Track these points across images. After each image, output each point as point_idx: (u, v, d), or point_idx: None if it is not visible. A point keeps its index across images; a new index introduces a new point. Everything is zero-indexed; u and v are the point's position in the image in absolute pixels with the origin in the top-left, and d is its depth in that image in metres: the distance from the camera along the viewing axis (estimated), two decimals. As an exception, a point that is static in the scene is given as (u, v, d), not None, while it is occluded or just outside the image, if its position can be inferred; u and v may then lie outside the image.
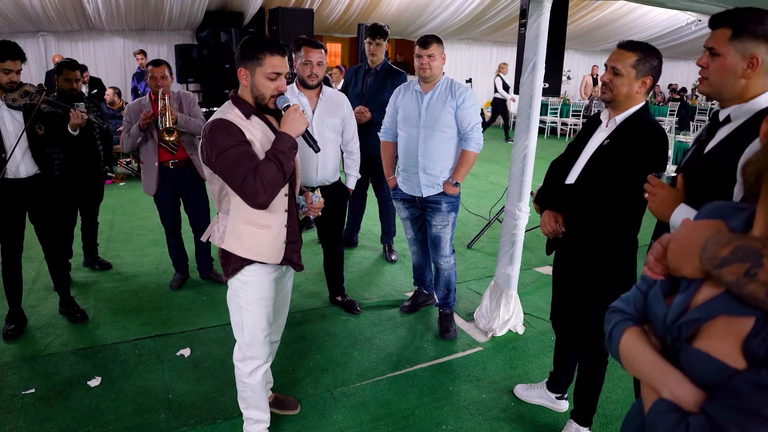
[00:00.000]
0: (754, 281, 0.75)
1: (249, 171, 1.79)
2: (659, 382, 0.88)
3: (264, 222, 1.98)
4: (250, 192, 1.80)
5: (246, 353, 2.13)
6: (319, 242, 3.59)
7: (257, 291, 2.04)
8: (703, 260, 0.85)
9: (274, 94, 1.91)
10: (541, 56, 2.94)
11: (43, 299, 3.55)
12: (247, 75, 1.90)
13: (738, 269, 0.78)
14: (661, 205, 1.51)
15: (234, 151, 1.81)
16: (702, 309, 0.86)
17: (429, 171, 2.98)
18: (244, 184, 1.80)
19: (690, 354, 0.85)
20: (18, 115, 2.91)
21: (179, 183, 3.61)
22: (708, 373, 0.82)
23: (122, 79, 9.06)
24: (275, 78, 1.89)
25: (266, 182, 1.80)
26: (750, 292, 0.76)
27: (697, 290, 0.89)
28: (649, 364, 0.91)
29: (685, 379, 0.85)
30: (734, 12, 1.44)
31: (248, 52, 1.87)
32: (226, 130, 1.83)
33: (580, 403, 2.32)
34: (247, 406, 2.24)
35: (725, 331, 0.81)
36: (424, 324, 3.40)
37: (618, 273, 2.05)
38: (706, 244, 0.84)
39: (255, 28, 9.31)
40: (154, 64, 3.46)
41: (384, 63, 4.09)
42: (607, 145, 1.98)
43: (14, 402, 2.51)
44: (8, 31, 7.80)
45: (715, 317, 0.83)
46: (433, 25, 11.05)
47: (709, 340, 0.83)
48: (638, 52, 1.89)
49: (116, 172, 7.07)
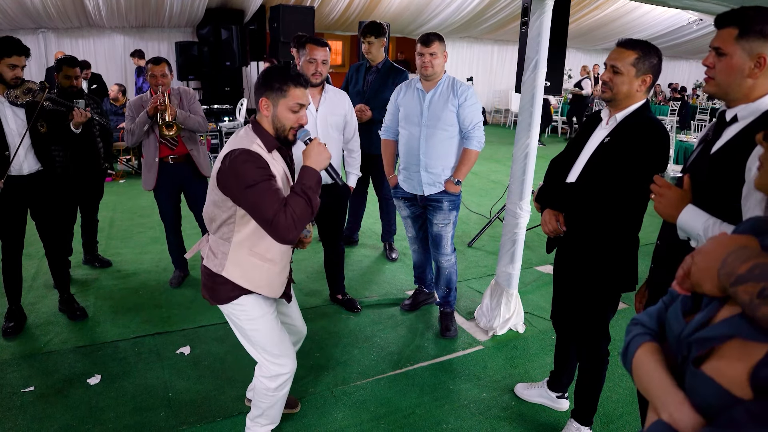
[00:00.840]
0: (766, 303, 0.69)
1: (281, 207, 1.74)
2: (661, 403, 0.85)
3: (270, 256, 1.94)
4: (282, 228, 1.74)
5: (271, 368, 2.05)
6: (319, 240, 3.58)
7: (256, 309, 1.99)
8: (721, 276, 0.79)
9: (295, 126, 1.88)
10: (543, 55, 2.93)
11: (43, 297, 3.55)
12: (269, 105, 1.85)
13: (753, 288, 0.72)
14: (667, 205, 1.50)
15: (265, 186, 1.75)
16: (715, 328, 0.80)
17: (430, 169, 2.97)
18: (275, 220, 1.73)
19: (694, 376, 0.81)
20: (20, 113, 2.90)
21: (179, 178, 3.61)
22: (710, 398, 0.77)
23: (122, 76, 9.05)
24: (298, 110, 1.86)
25: (297, 218, 1.75)
26: (761, 314, 0.70)
27: (718, 309, 0.83)
28: (656, 382, 0.87)
29: (686, 402, 0.81)
30: (741, 11, 1.42)
31: (272, 83, 1.83)
32: (256, 163, 1.77)
33: (580, 402, 2.31)
34: (260, 414, 2.18)
35: (737, 356, 0.75)
36: (424, 323, 3.40)
37: (619, 272, 2.04)
38: (727, 258, 0.78)
39: (256, 25, 9.29)
40: (154, 62, 3.44)
41: (385, 61, 4.08)
42: (608, 143, 1.97)
43: (13, 400, 2.50)
44: (8, 27, 7.78)
45: (730, 340, 0.77)
46: (434, 23, 11.03)
47: (719, 364, 0.77)
48: (638, 50, 1.89)
49: (116, 170, 7.06)
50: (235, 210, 1.85)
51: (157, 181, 3.55)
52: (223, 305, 1.99)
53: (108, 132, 4.02)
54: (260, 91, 1.87)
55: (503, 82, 13.59)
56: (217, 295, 1.97)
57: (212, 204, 1.90)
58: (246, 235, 1.90)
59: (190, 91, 3.63)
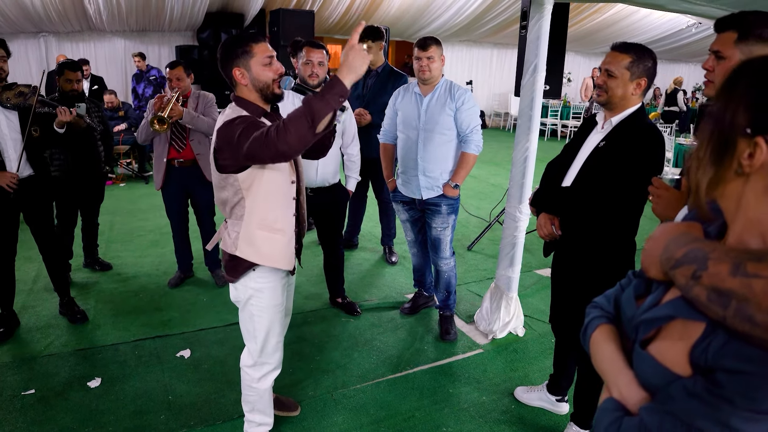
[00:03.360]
0: (698, 284, 0.73)
1: (272, 127, 1.66)
2: (612, 381, 0.89)
3: (278, 226, 1.97)
4: (277, 140, 1.62)
5: (257, 359, 2.12)
6: (319, 244, 3.59)
7: (271, 298, 2.03)
8: (662, 261, 0.83)
9: (275, 77, 1.88)
10: (542, 58, 2.94)
11: (43, 300, 3.55)
12: (243, 72, 1.85)
13: (687, 271, 0.76)
14: (665, 207, 1.51)
15: (252, 126, 1.75)
16: (658, 310, 0.85)
17: (428, 173, 2.98)
18: (267, 135, 1.64)
19: (638, 356, 0.85)
20: (12, 116, 2.90)
21: (186, 181, 3.63)
22: (652, 377, 0.81)
23: (123, 80, 9.07)
24: (270, 62, 1.87)
25: (293, 131, 1.61)
26: (695, 295, 0.74)
27: (665, 293, 0.87)
28: (609, 362, 0.92)
29: (634, 381, 0.85)
30: (740, 15, 1.44)
31: (234, 51, 1.84)
32: (238, 120, 1.78)
33: (579, 405, 2.32)
34: (251, 410, 2.24)
35: (678, 335, 0.79)
36: (424, 326, 3.40)
37: (616, 276, 2.02)
38: (668, 244, 0.83)
39: (256, 29, 9.32)
40: (170, 66, 3.48)
41: (385, 65, 4.09)
42: (603, 147, 1.98)
43: (14, 402, 2.50)
44: (9, 31, 7.80)
45: (672, 321, 0.81)
46: (433, 26, 11.05)
47: (663, 343, 0.82)
48: (632, 54, 1.90)
49: (117, 173, 7.08)
50: (239, 185, 1.87)
51: (164, 181, 3.58)
52: (241, 287, 2.01)
53: (109, 135, 4.04)
54: (228, 64, 1.86)
55: (503, 85, 13.60)
56: (233, 272, 1.99)
57: (218, 188, 1.94)
58: (254, 209, 1.91)
59: (209, 96, 3.64)
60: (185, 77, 3.46)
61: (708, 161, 0.78)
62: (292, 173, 2.00)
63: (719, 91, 0.79)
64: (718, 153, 0.77)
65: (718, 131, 0.77)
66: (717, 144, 0.77)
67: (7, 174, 2.83)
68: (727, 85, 0.78)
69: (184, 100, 3.50)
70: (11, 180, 2.83)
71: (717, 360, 0.71)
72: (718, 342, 0.71)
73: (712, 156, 0.78)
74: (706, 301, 0.72)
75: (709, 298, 0.71)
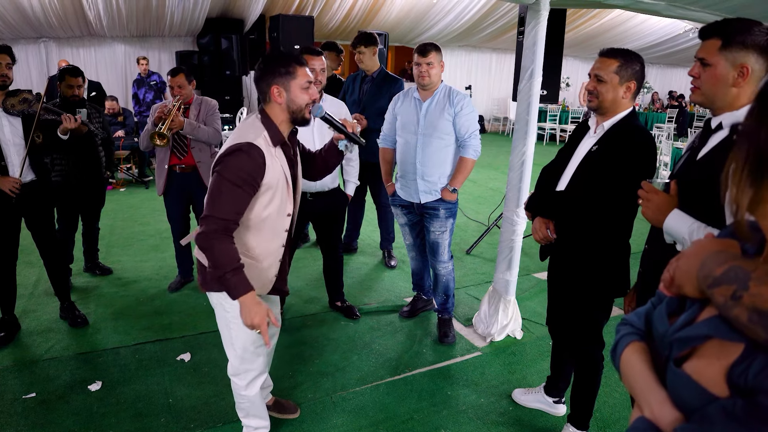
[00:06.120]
0: (738, 304, 0.71)
1: (224, 226, 1.75)
2: (644, 400, 0.87)
3: (253, 254, 1.93)
4: (203, 237, 1.76)
5: (239, 366, 2.08)
6: (318, 248, 3.61)
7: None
8: (699, 278, 0.81)
9: (309, 103, 1.89)
10: (539, 64, 2.97)
11: (44, 304, 3.57)
12: (281, 91, 1.83)
13: (726, 291, 0.73)
14: (655, 210, 1.53)
15: (237, 190, 1.75)
16: (694, 329, 0.82)
17: (427, 178, 3.01)
18: (208, 225, 1.75)
19: (673, 374, 0.83)
20: (16, 122, 2.93)
21: (187, 188, 3.65)
22: (688, 396, 0.79)
23: (123, 86, 9.10)
24: (309, 87, 1.87)
25: (214, 250, 1.75)
26: (735, 315, 0.72)
27: (700, 311, 0.84)
28: (640, 381, 0.90)
29: (667, 400, 0.82)
30: (723, 23, 1.47)
31: (277, 69, 1.82)
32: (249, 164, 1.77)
33: (576, 407, 2.34)
34: (246, 415, 2.23)
35: (715, 356, 0.76)
36: (422, 329, 3.42)
37: (610, 279, 2.07)
38: (706, 261, 0.80)
39: (255, 34, 9.36)
40: (171, 73, 3.48)
41: (380, 70, 4.12)
42: (596, 151, 2.01)
43: (15, 406, 2.52)
44: (10, 36, 7.84)
45: (709, 340, 0.79)
46: (433, 32, 11.11)
47: (699, 362, 0.79)
48: (619, 58, 1.94)
49: (117, 178, 7.10)
50: None
51: (165, 187, 3.61)
52: (213, 294, 1.98)
53: (109, 141, 4.06)
54: (267, 80, 1.84)
55: (502, 90, 13.65)
56: (205, 283, 1.96)
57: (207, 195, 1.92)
58: (238, 234, 1.87)
59: (211, 103, 3.64)
60: (187, 84, 3.47)
61: (747, 182, 0.76)
62: (290, 205, 1.98)
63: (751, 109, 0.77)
64: (756, 172, 0.74)
65: (754, 151, 0.74)
66: (754, 163, 0.75)
67: (10, 179, 2.86)
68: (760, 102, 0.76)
69: (186, 107, 3.52)
70: (14, 185, 2.86)
71: (759, 382, 0.68)
72: (759, 363, 0.69)
73: (750, 176, 0.75)
74: (746, 322, 0.70)
75: (751, 319, 0.69)
